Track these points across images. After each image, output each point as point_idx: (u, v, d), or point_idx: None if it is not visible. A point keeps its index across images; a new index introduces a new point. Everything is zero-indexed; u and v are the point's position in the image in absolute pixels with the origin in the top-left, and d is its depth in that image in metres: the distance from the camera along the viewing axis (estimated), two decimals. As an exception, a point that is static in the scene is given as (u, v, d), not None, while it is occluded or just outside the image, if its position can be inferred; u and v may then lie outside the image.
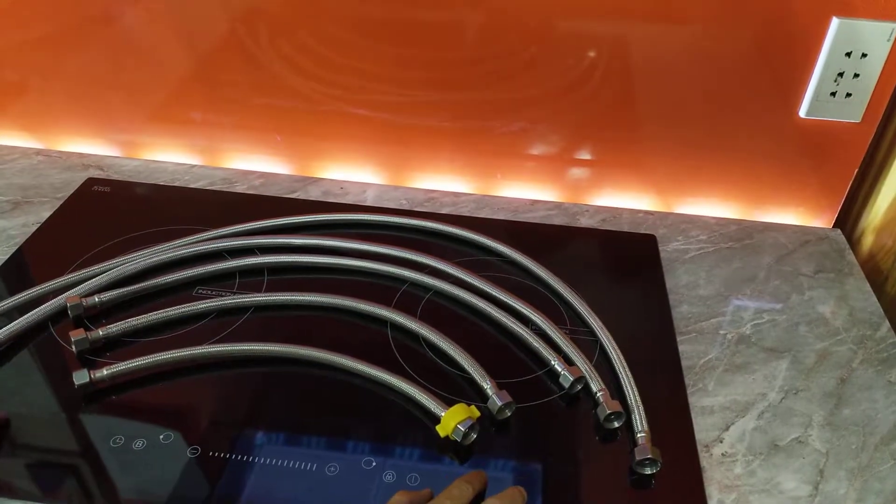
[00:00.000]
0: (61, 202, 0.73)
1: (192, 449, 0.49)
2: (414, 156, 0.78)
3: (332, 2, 0.68)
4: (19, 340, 0.57)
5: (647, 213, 0.76)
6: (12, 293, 0.60)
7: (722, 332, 0.62)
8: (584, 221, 0.75)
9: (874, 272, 0.70)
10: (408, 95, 0.73)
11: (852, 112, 0.67)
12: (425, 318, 0.59)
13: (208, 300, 0.60)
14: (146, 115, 0.78)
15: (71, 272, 0.62)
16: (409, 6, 0.67)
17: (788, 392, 0.56)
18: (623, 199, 0.77)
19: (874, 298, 0.66)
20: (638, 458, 0.49)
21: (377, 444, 0.50)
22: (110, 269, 0.62)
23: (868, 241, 0.72)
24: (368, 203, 0.76)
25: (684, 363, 0.58)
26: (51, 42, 0.74)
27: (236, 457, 0.49)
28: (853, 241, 0.74)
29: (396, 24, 0.68)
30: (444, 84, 0.72)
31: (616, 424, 0.52)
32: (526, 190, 0.78)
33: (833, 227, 0.75)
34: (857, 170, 0.72)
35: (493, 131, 0.74)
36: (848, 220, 0.75)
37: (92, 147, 0.82)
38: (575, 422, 0.53)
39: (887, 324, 0.63)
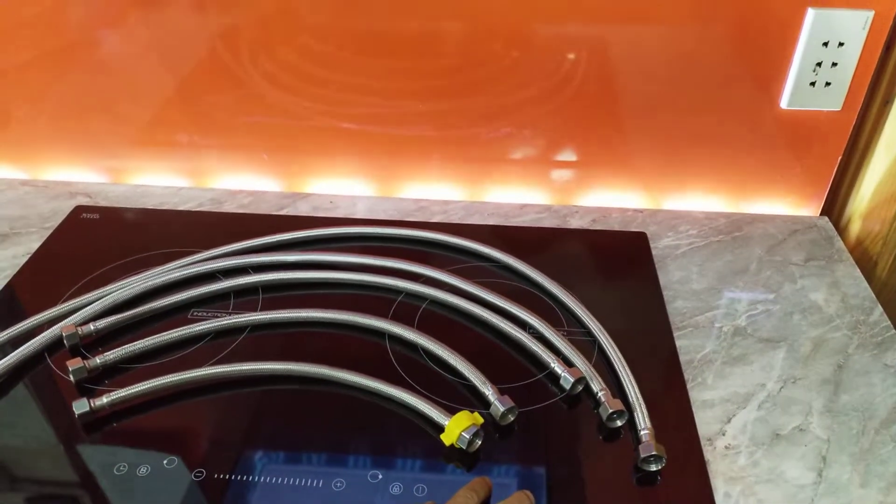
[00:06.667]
0: (50, 231, 0.72)
1: (196, 472, 0.49)
2: (401, 166, 0.78)
3: (311, 17, 0.68)
4: (16, 373, 0.56)
5: (636, 211, 0.77)
6: (5, 326, 0.59)
7: (717, 325, 0.62)
8: (575, 222, 0.75)
9: (863, 257, 0.71)
10: (392, 107, 0.73)
11: (832, 101, 0.68)
12: (423, 328, 0.59)
13: (204, 322, 0.60)
14: (131, 139, 0.78)
15: (64, 301, 0.62)
16: (389, 18, 0.67)
17: (787, 381, 0.57)
18: (612, 198, 0.78)
19: (865, 283, 0.67)
20: (643, 455, 0.49)
21: (382, 456, 0.50)
22: (104, 297, 0.62)
23: (856, 227, 0.73)
24: (359, 216, 0.76)
25: (682, 358, 0.59)
26: (32, 70, 0.74)
27: (242, 477, 0.48)
28: (841, 228, 0.75)
29: (377, 36, 0.69)
30: (427, 93, 0.72)
31: (619, 423, 0.52)
32: (515, 194, 0.78)
33: (820, 215, 0.76)
34: (840, 157, 0.72)
35: (480, 138, 0.75)
36: (834, 207, 0.76)
37: (78, 175, 0.81)
38: (578, 423, 0.53)
39: (880, 308, 0.64)
